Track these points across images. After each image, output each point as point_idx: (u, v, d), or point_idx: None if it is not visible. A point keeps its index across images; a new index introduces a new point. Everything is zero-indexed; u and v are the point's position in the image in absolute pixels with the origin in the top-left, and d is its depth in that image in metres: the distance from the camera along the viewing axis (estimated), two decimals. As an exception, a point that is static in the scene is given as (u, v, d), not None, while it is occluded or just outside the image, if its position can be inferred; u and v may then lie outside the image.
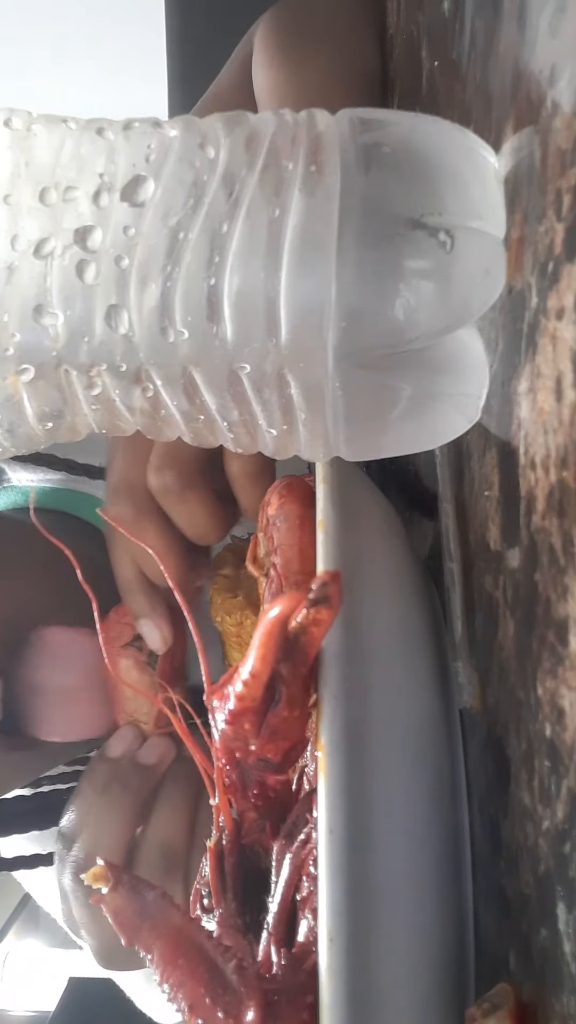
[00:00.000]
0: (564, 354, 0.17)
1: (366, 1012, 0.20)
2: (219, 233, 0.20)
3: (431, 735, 0.27)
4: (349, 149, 0.21)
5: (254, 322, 0.20)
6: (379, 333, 0.21)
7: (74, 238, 0.21)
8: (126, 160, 0.21)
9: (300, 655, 0.21)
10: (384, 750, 0.23)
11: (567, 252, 0.17)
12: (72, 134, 0.22)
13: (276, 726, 0.22)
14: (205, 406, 0.23)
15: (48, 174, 0.21)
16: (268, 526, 0.31)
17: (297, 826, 0.24)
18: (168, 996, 0.22)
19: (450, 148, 0.21)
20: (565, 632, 0.17)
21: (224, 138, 0.21)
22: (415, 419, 0.23)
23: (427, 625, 0.29)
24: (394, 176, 0.21)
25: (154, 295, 0.21)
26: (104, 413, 0.24)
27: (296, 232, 0.20)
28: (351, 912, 0.20)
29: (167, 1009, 0.45)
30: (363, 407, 0.23)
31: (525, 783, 0.20)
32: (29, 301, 0.21)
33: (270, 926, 0.24)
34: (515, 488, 0.21)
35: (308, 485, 0.31)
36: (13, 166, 0.21)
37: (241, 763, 0.24)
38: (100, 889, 0.24)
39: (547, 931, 0.19)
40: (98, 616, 0.35)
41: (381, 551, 0.29)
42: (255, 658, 0.21)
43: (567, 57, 0.17)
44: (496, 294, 0.21)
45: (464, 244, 0.20)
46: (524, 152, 0.20)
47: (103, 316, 0.21)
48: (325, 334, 0.20)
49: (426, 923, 0.24)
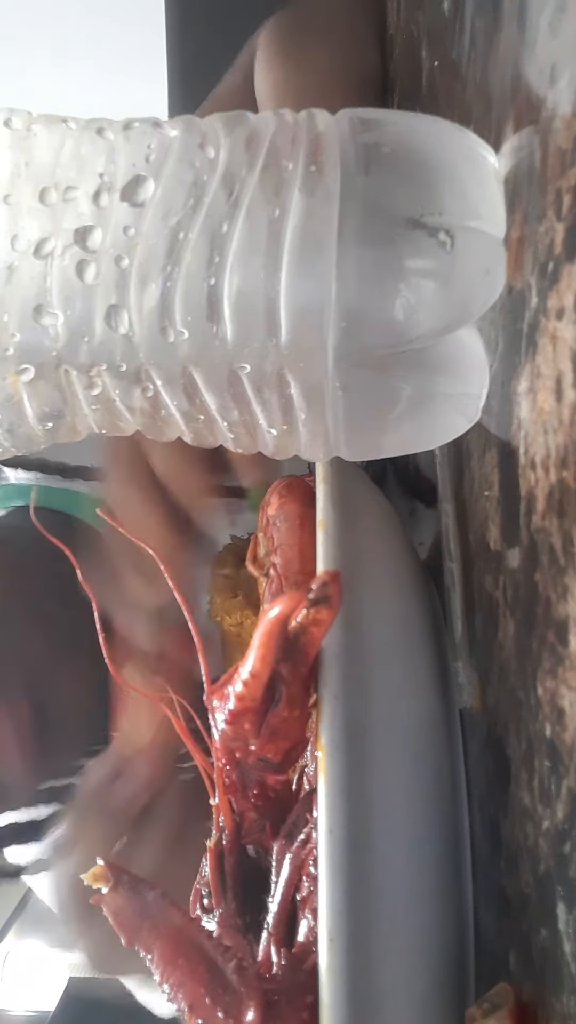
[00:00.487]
0: (564, 354, 0.17)
1: (366, 1012, 0.20)
2: (219, 233, 0.20)
3: (431, 735, 0.27)
4: (349, 149, 0.21)
5: (254, 322, 0.20)
6: (379, 333, 0.21)
7: (74, 238, 0.21)
8: (126, 160, 0.21)
9: (300, 655, 0.22)
10: (384, 750, 0.23)
11: (567, 252, 0.17)
12: (72, 134, 0.22)
13: (276, 726, 0.22)
14: (205, 406, 0.23)
15: (48, 174, 0.21)
16: (268, 526, 0.31)
17: (297, 826, 0.24)
18: (168, 996, 0.22)
19: (450, 148, 0.21)
20: (565, 632, 0.17)
21: (224, 138, 0.21)
22: (415, 419, 0.23)
23: (427, 625, 0.29)
24: (394, 176, 0.21)
25: (154, 295, 0.21)
26: (104, 413, 0.24)
27: (296, 232, 0.20)
28: (351, 912, 0.20)
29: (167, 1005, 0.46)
30: (363, 407, 0.23)
31: (525, 783, 0.20)
32: (29, 301, 0.21)
33: (270, 926, 0.24)
34: (515, 488, 0.21)
35: (308, 485, 0.31)
36: (13, 166, 0.21)
37: (241, 763, 0.24)
38: (100, 889, 0.24)
39: (547, 931, 0.19)
40: (98, 616, 0.35)
41: (381, 551, 0.29)
42: (255, 658, 0.21)
43: (567, 57, 0.17)
44: (496, 294, 0.21)
45: (464, 244, 0.20)
46: (524, 152, 0.20)
47: (103, 316, 0.21)
48: (325, 334, 0.20)
49: (426, 923, 0.24)
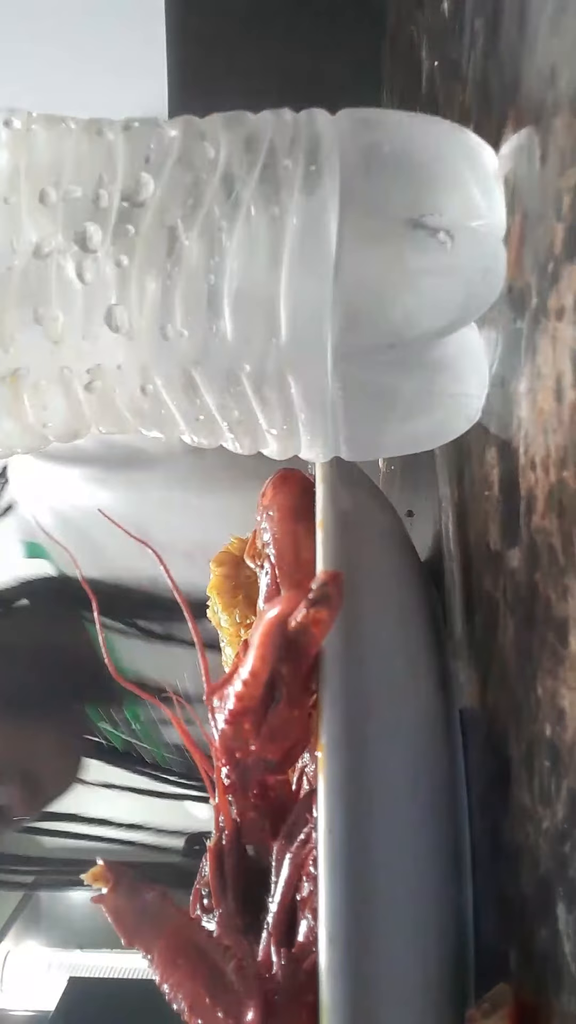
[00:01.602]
0: (564, 354, 0.17)
1: (366, 1012, 0.20)
2: (219, 233, 0.20)
3: (431, 735, 0.27)
4: (349, 149, 0.21)
5: (254, 322, 0.20)
6: (379, 333, 0.21)
7: (74, 238, 0.21)
8: (126, 160, 0.21)
9: (300, 655, 0.22)
10: (384, 750, 0.23)
11: (567, 252, 0.17)
12: (72, 134, 0.22)
13: (276, 726, 0.22)
14: (205, 406, 0.23)
15: (48, 174, 0.21)
16: (263, 517, 0.31)
17: (297, 826, 0.24)
18: (168, 996, 0.22)
19: (450, 148, 0.21)
20: (565, 632, 0.17)
21: (224, 137, 0.21)
22: (415, 419, 0.23)
23: (427, 625, 0.29)
24: (394, 176, 0.21)
25: (154, 295, 0.21)
26: (104, 413, 0.24)
27: (296, 232, 0.20)
28: (351, 912, 0.20)
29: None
30: (363, 407, 0.23)
31: (525, 783, 0.20)
32: (29, 301, 0.21)
33: (270, 926, 0.24)
34: (515, 488, 0.21)
35: (303, 476, 0.31)
36: (13, 166, 0.21)
37: (241, 763, 0.24)
38: (100, 889, 0.24)
39: (547, 931, 0.19)
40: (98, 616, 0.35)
41: (381, 551, 0.29)
42: (255, 658, 0.21)
43: (567, 57, 0.17)
44: (496, 294, 0.21)
45: (464, 244, 0.20)
46: (524, 152, 0.20)
47: (103, 316, 0.21)
48: (325, 334, 0.20)
49: (426, 923, 0.24)
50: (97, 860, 0.25)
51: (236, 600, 0.41)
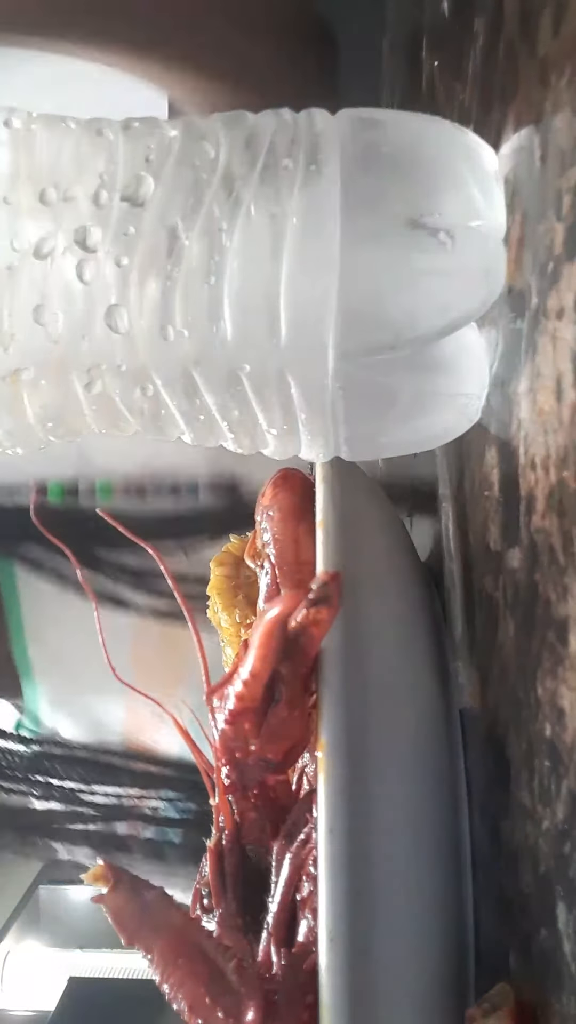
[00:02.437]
0: (564, 354, 0.17)
1: (366, 1012, 0.20)
2: (219, 233, 0.20)
3: (431, 735, 0.27)
4: (349, 149, 0.21)
5: (254, 322, 0.20)
6: (379, 333, 0.21)
7: (74, 238, 0.21)
8: (126, 160, 0.21)
9: (300, 655, 0.22)
10: (384, 750, 0.23)
11: (567, 252, 0.17)
12: (72, 134, 0.22)
13: (276, 726, 0.22)
14: (205, 406, 0.23)
15: (48, 174, 0.21)
16: (263, 517, 0.31)
17: (297, 826, 0.24)
18: (168, 996, 0.22)
19: (450, 148, 0.21)
20: (565, 632, 0.17)
21: (224, 137, 0.21)
22: (415, 419, 0.23)
23: (427, 625, 0.29)
24: (394, 176, 0.21)
25: (154, 295, 0.21)
26: (104, 413, 0.24)
27: (296, 231, 0.20)
28: (351, 912, 0.20)
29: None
30: (363, 407, 0.23)
31: (525, 783, 0.20)
32: (29, 301, 0.21)
33: (270, 926, 0.24)
34: (515, 488, 0.21)
35: (303, 476, 0.31)
36: (13, 166, 0.21)
37: (241, 763, 0.24)
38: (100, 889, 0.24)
39: (547, 931, 0.19)
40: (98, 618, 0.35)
41: (381, 551, 0.29)
42: (255, 658, 0.21)
43: (567, 57, 0.17)
44: (496, 294, 0.21)
45: (464, 244, 0.20)
46: (524, 152, 0.20)
47: (103, 316, 0.21)
48: (325, 334, 0.20)
49: (426, 923, 0.24)
50: (97, 860, 0.25)
51: (236, 600, 0.41)
